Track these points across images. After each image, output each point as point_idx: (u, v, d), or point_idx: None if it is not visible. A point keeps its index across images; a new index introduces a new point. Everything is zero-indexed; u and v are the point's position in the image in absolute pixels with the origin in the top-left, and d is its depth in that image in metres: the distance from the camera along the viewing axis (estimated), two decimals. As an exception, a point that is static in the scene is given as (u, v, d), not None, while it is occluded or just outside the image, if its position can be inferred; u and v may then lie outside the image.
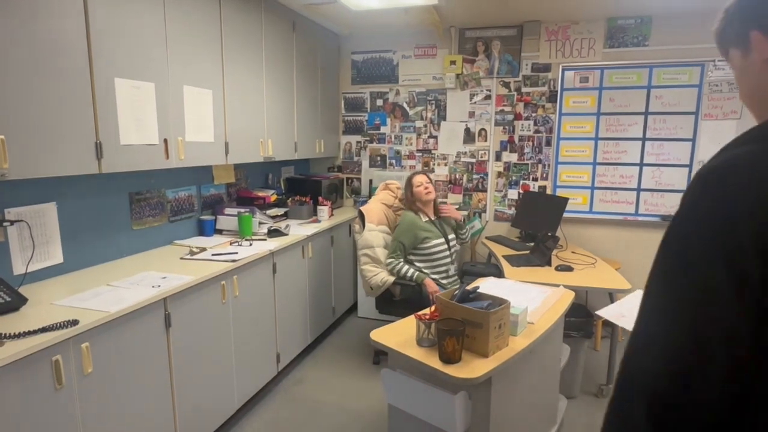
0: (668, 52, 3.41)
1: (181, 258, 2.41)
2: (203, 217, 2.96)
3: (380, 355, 3.16)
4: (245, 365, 2.53)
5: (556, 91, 3.72)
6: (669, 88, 3.43)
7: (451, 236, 3.07)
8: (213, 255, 2.46)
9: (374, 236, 3.03)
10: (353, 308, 4.10)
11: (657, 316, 0.66)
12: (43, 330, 1.49)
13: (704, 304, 0.60)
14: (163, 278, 2.05)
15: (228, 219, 3.00)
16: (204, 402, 2.22)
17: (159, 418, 1.95)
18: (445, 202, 3.19)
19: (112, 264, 2.29)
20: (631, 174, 3.65)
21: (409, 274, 2.83)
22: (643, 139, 3.58)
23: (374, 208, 3.13)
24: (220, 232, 3.00)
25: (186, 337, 2.07)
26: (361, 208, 3.13)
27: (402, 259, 2.90)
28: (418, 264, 2.94)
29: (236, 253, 2.51)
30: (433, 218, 3.03)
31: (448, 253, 2.97)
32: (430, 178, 3.08)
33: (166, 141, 2.24)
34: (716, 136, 3.41)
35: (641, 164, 3.61)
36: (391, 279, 2.89)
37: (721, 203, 0.61)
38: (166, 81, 2.22)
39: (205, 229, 2.94)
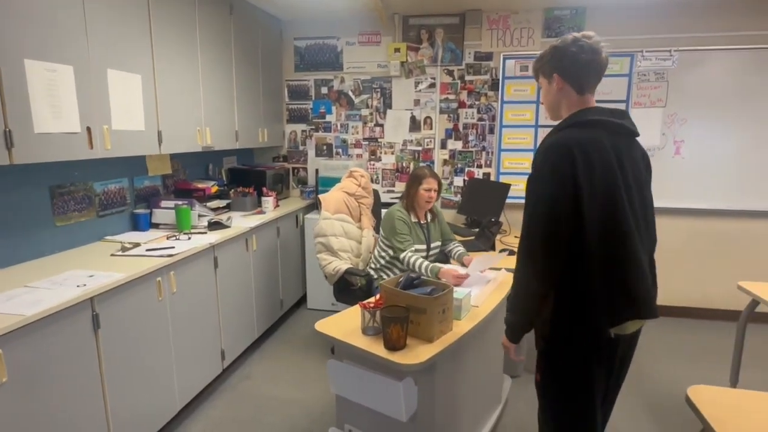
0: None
1: (112, 255, 2.25)
2: (137, 211, 2.79)
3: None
4: (187, 364, 2.42)
5: (498, 80, 3.79)
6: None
7: (436, 243, 2.77)
8: (147, 250, 2.32)
9: (329, 225, 2.96)
10: (303, 300, 4.03)
11: (528, 224, 1.33)
12: (-54, 338, 1.34)
13: (552, 206, 1.27)
14: (90, 277, 1.91)
15: (165, 212, 2.84)
16: (142, 405, 2.10)
17: (90, 426, 1.83)
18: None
19: (33, 264, 2.11)
20: (568, 160, 3.78)
21: (423, 269, 2.45)
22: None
23: (333, 197, 3.05)
24: (156, 226, 2.84)
25: (118, 338, 1.95)
26: (320, 195, 3.06)
27: (414, 248, 2.61)
28: (383, 264, 2.77)
29: (173, 247, 2.38)
30: (422, 221, 2.76)
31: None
32: (440, 185, 2.73)
33: (89, 129, 2.07)
34: (644, 123, 3.61)
35: (578, 151, 3.76)
36: (344, 267, 2.83)
37: (555, 158, 1.29)
38: (86, 64, 2.05)
39: (140, 224, 2.77)
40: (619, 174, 1.32)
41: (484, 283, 2.31)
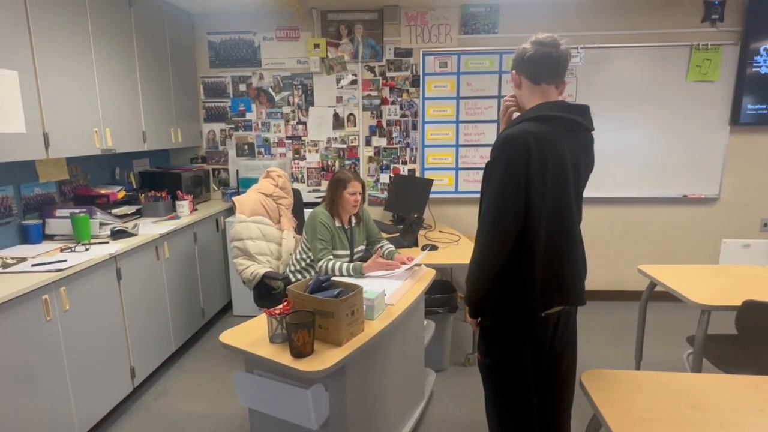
0: (515, 40, 3.65)
1: (-11, 272, 2.02)
2: (27, 222, 2.53)
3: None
4: (87, 386, 2.22)
5: (419, 76, 3.81)
6: (517, 73, 3.70)
7: (360, 248, 2.70)
8: (33, 266, 2.10)
9: (244, 228, 2.82)
10: (228, 307, 3.86)
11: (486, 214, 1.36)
12: None
13: (503, 198, 1.32)
14: (-45, 300, 1.69)
15: (60, 222, 2.60)
16: (30, 437, 1.90)
17: (-39, 467, 1.62)
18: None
19: None
20: (489, 154, 3.88)
21: (344, 271, 2.37)
22: (499, 121, 3.82)
23: (248, 198, 2.91)
24: (51, 238, 2.59)
25: (-6, 366, 1.74)
26: (234, 198, 2.92)
27: (331, 256, 2.49)
28: (304, 266, 2.66)
29: (65, 261, 2.17)
30: (346, 226, 2.63)
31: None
32: (364, 187, 2.64)
33: (-50, 133, 1.83)
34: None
35: (498, 145, 3.86)
36: (262, 271, 2.72)
37: (511, 151, 1.31)
38: (-57, 59, 1.81)
39: (31, 236, 2.52)
40: (570, 173, 1.38)
41: (407, 278, 2.30)
